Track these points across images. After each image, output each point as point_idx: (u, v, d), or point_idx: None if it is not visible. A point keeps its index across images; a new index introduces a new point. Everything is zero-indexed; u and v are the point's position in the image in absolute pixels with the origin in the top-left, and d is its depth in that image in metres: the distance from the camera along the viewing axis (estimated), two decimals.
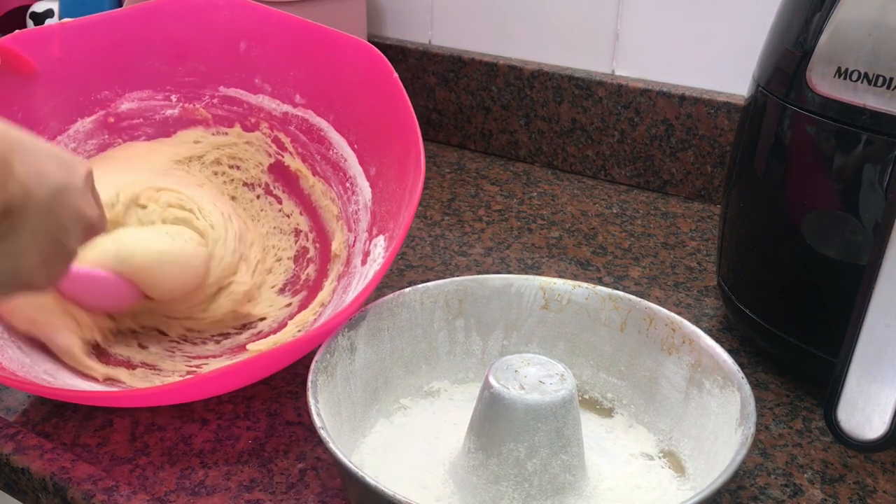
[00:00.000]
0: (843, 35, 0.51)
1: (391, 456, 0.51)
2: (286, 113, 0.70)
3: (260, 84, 0.71)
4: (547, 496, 0.47)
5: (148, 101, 0.71)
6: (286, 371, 0.60)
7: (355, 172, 0.66)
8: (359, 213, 0.65)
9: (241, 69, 0.71)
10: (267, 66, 0.70)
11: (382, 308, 0.55)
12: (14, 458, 0.52)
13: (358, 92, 0.66)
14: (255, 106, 0.71)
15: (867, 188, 0.51)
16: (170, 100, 0.71)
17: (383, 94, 0.63)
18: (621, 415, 0.55)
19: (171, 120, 0.71)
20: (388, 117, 0.63)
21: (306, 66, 0.69)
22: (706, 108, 0.85)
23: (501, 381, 0.47)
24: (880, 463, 0.54)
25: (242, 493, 0.50)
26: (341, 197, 0.67)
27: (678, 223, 0.84)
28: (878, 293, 0.47)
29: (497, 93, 0.96)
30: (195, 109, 0.72)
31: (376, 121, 0.65)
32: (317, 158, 0.69)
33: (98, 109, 0.70)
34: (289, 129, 0.70)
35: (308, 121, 0.69)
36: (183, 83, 0.71)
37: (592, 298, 0.56)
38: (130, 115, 0.71)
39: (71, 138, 0.68)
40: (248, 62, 0.71)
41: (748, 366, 0.62)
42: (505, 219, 0.84)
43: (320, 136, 0.69)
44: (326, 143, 0.68)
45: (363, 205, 0.65)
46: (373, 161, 0.65)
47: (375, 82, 0.64)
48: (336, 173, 0.68)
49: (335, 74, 0.67)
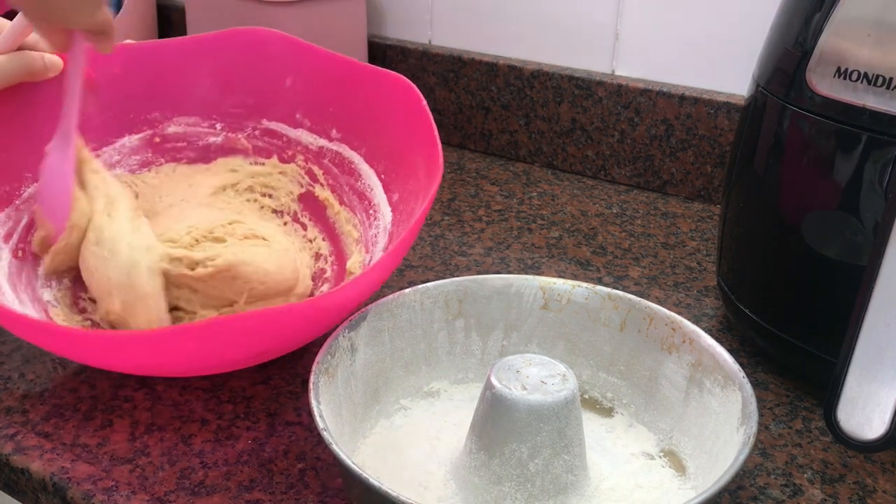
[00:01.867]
0: (843, 35, 0.51)
1: (392, 457, 0.51)
2: (322, 147, 0.73)
3: (300, 119, 0.73)
4: (549, 496, 0.47)
5: (194, 127, 0.74)
6: (286, 371, 0.60)
7: (380, 200, 0.68)
8: (377, 237, 0.67)
9: (284, 104, 0.73)
10: (308, 101, 0.73)
11: (382, 309, 0.55)
12: (14, 458, 0.52)
13: (390, 124, 0.68)
14: (293, 140, 0.73)
15: (867, 188, 0.51)
16: (214, 128, 0.74)
17: (412, 123, 0.65)
18: (621, 414, 0.55)
19: (213, 147, 0.74)
20: (414, 145, 0.65)
21: (345, 102, 0.71)
22: (706, 108, 0.85)
23: (503, 382, 0.47)
24: (880, 463, 0.54)
25: (242, 493, 0.50)
26: (363, 223, 0.69)
27: (678, 223, 0.84)
28: (878, 293, 0.47)
29: (497, 93, 0.96)
30: (237, 139, 0.74)
31: (403, 150, 0.67)
32: (345, 189, 0.71)
33: (146, 128, 0.73)
34: (322, 161, 0.72)
35: (341, 154, 0.72)
36: (229, 113, 0.74)
37: (592, 298, 0.56)
38: (176, 138, 0.73)
39: (117, 151, 0.71)
40: (292, 97, 0.73)
41: (748, 366, 0.62)
42: (505, 219, 0.84)
43: (351, 168, 0.71)
44: (356, 175, 0.71)
45: (383, 228, 0.67)
46: (397, 188, 0.67)
47: (406, 112, 0.66)
48: (361, 202, 0.70)
49: (370, 109, 0.70)
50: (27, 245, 0.64)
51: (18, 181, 0.65)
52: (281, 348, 0.57)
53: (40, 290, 0.63)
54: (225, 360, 0.56)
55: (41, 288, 0.63)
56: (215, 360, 0.55)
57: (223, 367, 0.58)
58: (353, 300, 0.54)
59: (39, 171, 0.62)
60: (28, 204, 0.65)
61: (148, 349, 0.51)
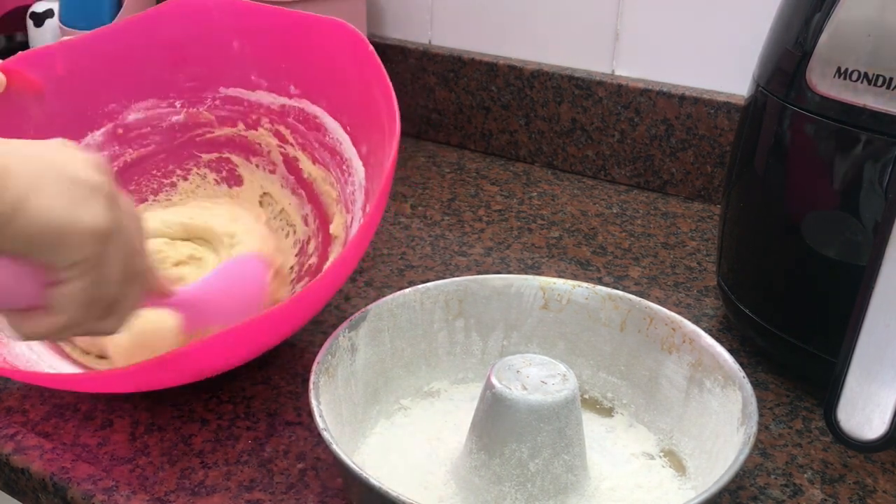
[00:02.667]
0: (843, 35, 0.51)
1: (392, 457, 0.51)
2: (283, 105, 0.72)
3: (256, 80, 0.72)
4: (549, 496, 0.47)
5: (153, 110, 0.73)
6: (286, 371, 0.60)
7: (350, 154, 0.68)
8: (354, 194, 0.67)
9: (237, 68, 0.72)
10: (260, 61, 0.72)
11: (382, 309, 0.55)
12: (14, 458, 0.52)
13: (344, 73, 0.67)
14: (254, 103, 0.72)
15: (867, 188, 0.51)
16: (174, 106, 0.73)
17: (364, 69, 0.64)
18: (621, 414, 0.55)
19: (177, 126, 0.73)
20: (371, 92, 0.64)
21: (295, 56, 0.70)
22: (706, 108, 0.85)
23: (504, 382, 0.47)
24: (880, 463, 0.54)
25: (242, 493, 0.50)
26: (339, 180, 0.69)
27: (678, 223, 0.84)
28: (878, 293, 0.47)
29: (497, 93, 0.96)
30: (199, 113, 0.73)
31: (363, 99, 0.66)
32: (315, 146, 0.71)
33: (106, 122, 0.72)
34: (287, 120, 0.72)
35: (304, 110, 0.71)
36: (185, 88, 0.73)
37: (592, 298, 0.56)
38: (138, 125, 0.73)
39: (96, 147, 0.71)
40: (243, 60, 0.72)
41: (748, 366, 0.62)
42: (505, 219, 0.84)
43: (316, 123, 0.70)
44: (322, 130, 0.70)
45: (358, 185, 0.66)
46: (363, 139, 0.67)
47: (355, 59, 0.65)
48: (333, 157, 0.70)
49: (321, 59, 0.69)
50: None
51: None
52: (275, 342, 0.58)
53: None
54: (229, 364, 0.56)
55: None
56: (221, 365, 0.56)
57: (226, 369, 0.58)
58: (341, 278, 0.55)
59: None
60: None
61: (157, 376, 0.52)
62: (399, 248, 0.77)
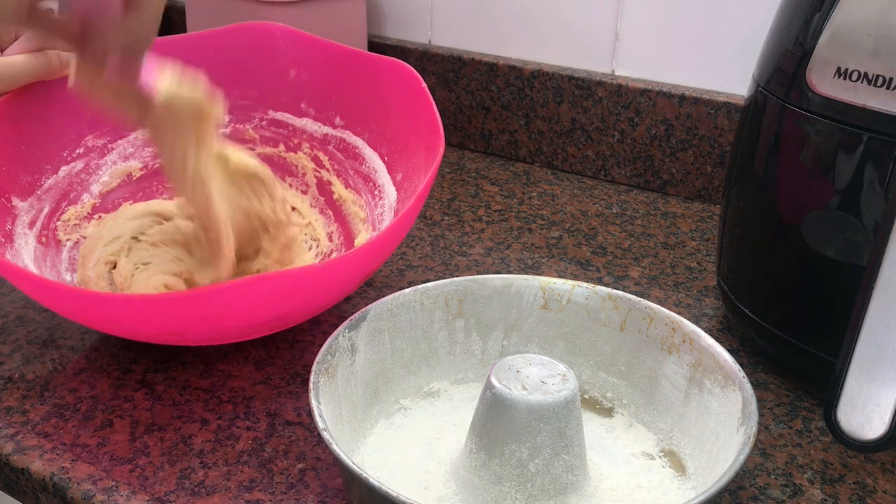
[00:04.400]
0: (843, 35, 0.51)
1: (392, 457, 0.51)
2: (326, 134, 0.75)
3: (305, 108, 0.76)
4: (549, 496, 0.47)
5: None
6: (286, 371, 0.60)
7: (384, 181, 0.71)
8: (383, 215, 0.69)
9: (289, 95, 0.76)
10: (312, 91, 0.76)
11: (382, 309, 0.55)
12: (14, 458, 0.52)
13: (391, 108, 0.71)
14: (298, 129, 0.76)
15: (867, 188, 0.51)
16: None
17: (412, 104, 0.68)
18: (621, 414, 0.55)
19: (221, 138, 0.76)
20: (414, 126, 0.67)
21: (347, 90, 0.74)
22: (706, 108, 0.85)
23: (503, 382, 0.47)
24: (880, 463, 0.54)
25: (242, 493, 0.50)
26: (369, 203, 0.72)
27: (678, 223, 0.84)
28: (878, 293, 0.47)
29: (497, 93, 0.96)
30: (244, 130, 0.77)
31: (406, 131, 0.69)
32: (350, 173, 0.74)
33: None
34: (327, 148, 0.75)
35: (345, 140, 0.75)
36: (236, 105, 0.76)
37: (592, 298, 0.56)
38: None
39: (130, 143, 0.74)
40: (296, 88, 0.76)
41: (748, 366, 0.62)
42: (505, 219, 0.84)
43: (355, 153, 0.74)
44: (360, 159, 0.74)
45: (388, 206, 0.69)
46: (400, 167, 0.70)
47: (406, 95, 0.69)
48: (366, 184, 0.73)
49: (372, 95, 0.73)
50: (50, 232, 0.67)
51: (39, 172, 0.68)
52: (299, 311, 0.59)
53: (64, 273, 0.66)
54: (245, 324, 0.57)
55: (65, 272, 0.67)
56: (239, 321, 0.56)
57: (241, 333, 0.59)
58: (370, 262, 0.57)
59: None
60: (48, 193, 0.68)
61: (183, 309, 0.53)
62: (399, 248, 0.77)
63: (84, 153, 0.71)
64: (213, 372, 0.60)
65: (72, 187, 0.70)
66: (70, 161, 0.70)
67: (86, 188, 0.71)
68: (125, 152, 0.73)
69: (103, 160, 0.72)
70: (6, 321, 0.65)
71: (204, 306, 0.53)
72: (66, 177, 0.69)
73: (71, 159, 0.70)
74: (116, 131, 0.72)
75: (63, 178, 0.69)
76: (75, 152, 0.70)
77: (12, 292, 0.69)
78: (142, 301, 0.54)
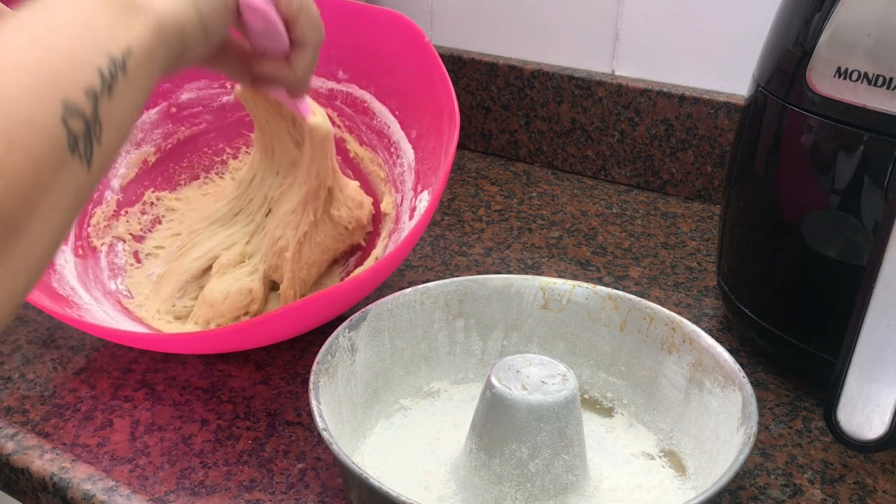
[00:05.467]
0: (843, 35, 0.51)
1: (392, 457, 0.51)
2: (331, 89, 0.75)
3: None
4: (549, 496, 0.47)
5: (205, 90, 0.77)
6: (286, 371, 0.60)
7: (399, 137, 0.71)
8: (404, 175, 0.69)
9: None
10: None
11: (383, 309, 0.55)
12: (14, 458, 0.52)
13: (395, 61, 0.71)
14: None
15: (867, 188, 0.51)
16: (225, 87, 0.77)
17: (417, 58, 0.68)
18: (621, 414, 0.55)
19: (227, 106, 0.77)
20: (423, 80, 0.67)
21: (347, 43, 0.73)
22: (706, 108, 0.85)
23: (503, 382, 0.47)
24: (880, 463, 0.54)
25: (242, 493, 0.50)
26: (387, 161, 0.72)
27: (678, 223, 0.84)
28: (878, 293, 0.47)
29: (497, 93, 0.96)
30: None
31: (414, 86, 0.69)
32: (362, 129, 0.74)
33: (161, 101, 0.75)
34: (335, 103, 0.75)
35: (352, 94, 0.74)
36: None
37: (592, 298, 0.56)
38: (190, 105, 0.76)
39: (139, 128, 0.74)
40: None
41: (748, 366, 0.62)
42: (505, 219, 0.84)
43: (364, 107, 0.74)
44: (370, 114, 0.73)
45: (408, 166, 0.69)
46: (413, 124, 0.70)
47: (409, 48, 0.68)
48: (381, 140, 0.72)
49: (373, 47, 0.72)
50: (84, 241, 0.68)
51: None
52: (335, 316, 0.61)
53: (107, 282, 0.67)
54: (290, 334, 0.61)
55: (108, 280, 0.67)
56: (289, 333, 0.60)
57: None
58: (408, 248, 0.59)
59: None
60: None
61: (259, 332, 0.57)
62: None
63: None
64: (213, 372, 0.60)
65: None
66: None
67: (107, 185, 0.72)
68: (135, 139, 0.74)
69: None
70: None
71: (270, 329, 0.56)
72: None
73: None
74: None
75: None
76: None
77: None
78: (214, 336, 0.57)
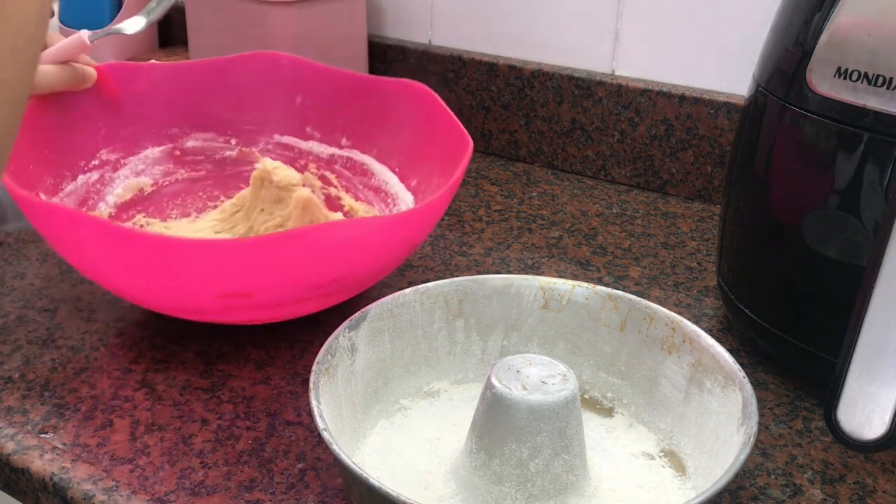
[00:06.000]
0: (843, 35, 0.51)
1: (392, 457, 0.51)
2: (332, 155, 0.79)
3: (310, 132, 0.80)
4: (549, 497, 0.47)
5: (211, 142, 0.80)
6: (286, 371, 0.60)
7: (397, 190, 0.74)
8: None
9: (295, 120, 0.80)
10: (318, 116, 0.79)
11: (382, 309, 0.55)
12: (14, 458, 0.52)
13: (401, 124, 0.74)
14: (304, 151, 0.80)
15: (867, 188, 0.51)
16: (230, 143, 0.80)
17: (427, 119, 0.70)
18: (621, 414, 0.55)
19: (228, 160, 0.80)
20: (429, 135, 0.69)
21: (353, 113, 0.77)
22: (706, 108, 0.85)
23: (503, 382, 0.47)
24: (880, 463, 0.54)
25: (242, 493, 0.50)
26: (383, 211, 0.74)
27: (678, 223, 0.84)
28: (878, 293, 0.47)
29: (497, 93, 0.96)
30: (251, 153, 0.80)
31: (418, 142, 0.72)
32: (359, 188, 0.77)
33: (167, 142, 0.78)
34: (334, 167, 0.79)
35: (353, 158, 0.79)
36: (243, 130, 0.80)
37: (592, 298, 0.56)
38: (194, 152, 0.80)
39: (141, 160, 0.77)
40: (302, 113, 0.80)
41: (748, 366, 0.62)
42: (505, 219, 0.84)
43: (363, 169, 0.77)
44: (369, 174, 0.77)
45: (405, 208, 0.71)
46: (414, 175, 0.72)
47: (420, 111, 0.71)
48: (378, 195, 0.76)
49: (381, 115, 0.75)
50: None
51: (60, 177, 0.70)
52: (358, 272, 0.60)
53: None
54: (309, 280, 0.58)
55: None
56: (306, 275, 0.57)
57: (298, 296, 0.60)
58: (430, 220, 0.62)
59: None
60: (69, 197, 0.70)
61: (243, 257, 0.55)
62: None
63: (99, 165, 0.74)
64: (213, 372, 0.60)
65: (89, 195, 0.73)
66: (87, 171, 0.73)
67: (102, 197, 0.74)
68: (136, 168, 0.76)
69: (116, 174, 0.75)
70: (6, 321, 0.65)
71: (271, 253, 0.54)
72: (83, 185, 0.72)
73: (87, 170, 0.73)
74: (128, 148, 0.76)
75: (81, 185, 0.72)
76: (91, 163, 0.73)
77: (12, 292, 0.69)
78: (211, 246, 0.56)
